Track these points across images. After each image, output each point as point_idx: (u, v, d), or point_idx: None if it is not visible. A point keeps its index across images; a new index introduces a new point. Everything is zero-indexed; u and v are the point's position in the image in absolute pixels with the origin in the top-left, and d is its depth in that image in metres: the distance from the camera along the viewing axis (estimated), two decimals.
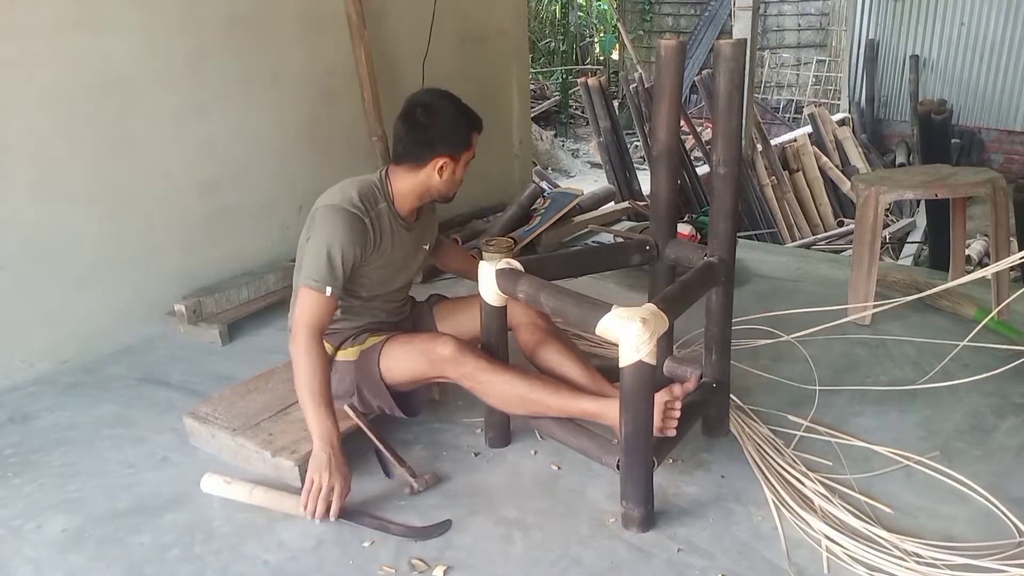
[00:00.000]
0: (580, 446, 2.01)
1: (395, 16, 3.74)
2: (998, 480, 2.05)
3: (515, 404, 2.07)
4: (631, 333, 1.72)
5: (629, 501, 1.88)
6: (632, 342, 1.72)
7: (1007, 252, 2.95)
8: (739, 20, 6.07)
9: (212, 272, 3.16)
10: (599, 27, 12.90)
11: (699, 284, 2.07)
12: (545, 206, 4.00)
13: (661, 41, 2.10)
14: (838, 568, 1.75)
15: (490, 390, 2.06)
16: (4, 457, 2.25)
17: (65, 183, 2.70)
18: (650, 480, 1.88)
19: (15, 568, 1.81)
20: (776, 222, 6.82)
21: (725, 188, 2.07)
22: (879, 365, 2.69)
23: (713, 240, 2.12)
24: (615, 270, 3.49)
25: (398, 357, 2.15)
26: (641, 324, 1.71)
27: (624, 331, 1.73)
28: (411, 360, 2.13)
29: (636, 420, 1.80)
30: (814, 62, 10.43)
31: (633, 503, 1.88)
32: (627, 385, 1.78)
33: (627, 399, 1.79)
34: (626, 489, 1.88)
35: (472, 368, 2.04)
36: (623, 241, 3.72)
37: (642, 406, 1.80)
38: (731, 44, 1.96)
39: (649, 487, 1.88)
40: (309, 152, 3.44)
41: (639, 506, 1.88)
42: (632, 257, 2.31)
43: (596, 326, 1.78)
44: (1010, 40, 8.36)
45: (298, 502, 1.91)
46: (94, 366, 2.77)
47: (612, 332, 1.76)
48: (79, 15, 2.65)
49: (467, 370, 2.05)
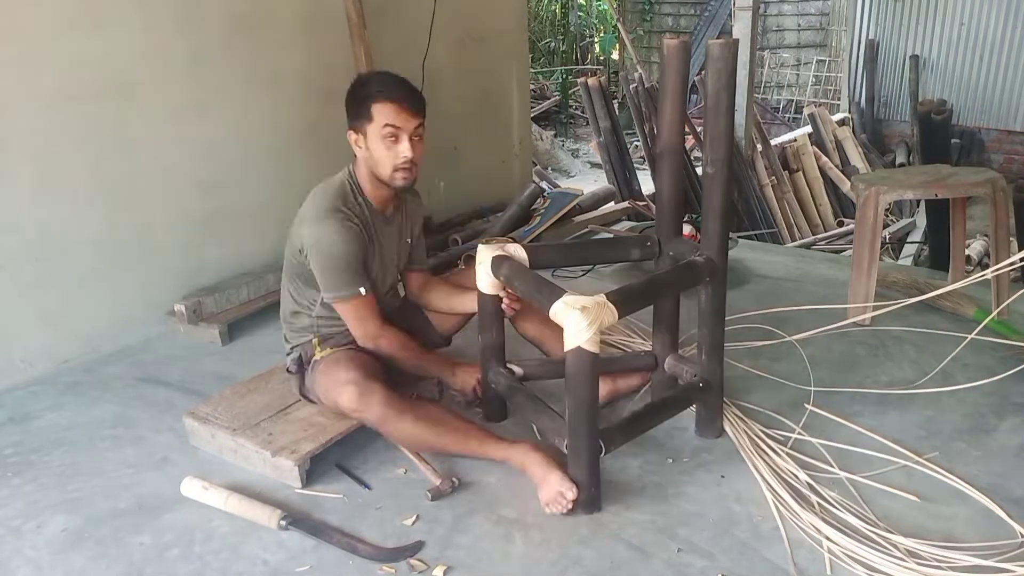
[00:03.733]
0: (540, 424, 2.11)
1: (395, 16, 3.74)
2: (998, 480, 2.05)
3: (423, 447, 2.09)
4: (573, 320, 1.79)
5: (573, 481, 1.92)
6: (573, 328, 1.79)
7: (1007, 252, 2.95)
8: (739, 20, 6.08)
9: (212, 272, 3.16)
10: (599, 27, 12.90)
11: (672, 282, 2.11)
12: (545, 206, 4.01)
13: (665, 40, 2.11)
14: (838, 568, 1.75)
15: (397, 437, 2.08)
16: (4, 457, 2.25)
17: (65, 183, 2.70)
18: (595, 463, 1.92)
19: (15, 568, 1.81)
20: (776, 222, 6.81)
21: (715, 188, 2.07)
22: (879, 365, 2.69)
23: (703, 239, 2.13)
24: (616, 268, 3.52)
25: (318, 380, 2.16)
26: (581, 312, 1.78)
27: (568, 317, 1.80)
28: (323, 390, 2.14)
29: (577, 403, 1.87)
30: (814, 62, 10.42)
31: (577, 484, 1.91)
32: (569, 369, 1.86)
33: (569, 383, 1.87)
34: (570, 469, 1.94)
35: (375, 419, 2.03)
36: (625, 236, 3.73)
37: (583, 390, 1.85)
38: (720, 44, 1.96)
39: (594, 470, 1.93)
40: (309, 152, 3.44)
41: (583, 489, 1.91)
42: (632, 252, 2.32)
43: (549, 310, 1.86)
44: (1010, 40, 8.36)
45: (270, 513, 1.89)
46: (94, 366, 2.77)
47: (559, 317, 1.83)
48: (79, 15, 2.65)
49: (370, 419, 2.04)
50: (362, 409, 2.02)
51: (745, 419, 2.31)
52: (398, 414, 2.01)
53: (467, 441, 2.04)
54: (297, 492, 2.04)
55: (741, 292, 3.35)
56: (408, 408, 2.03)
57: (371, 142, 2.11)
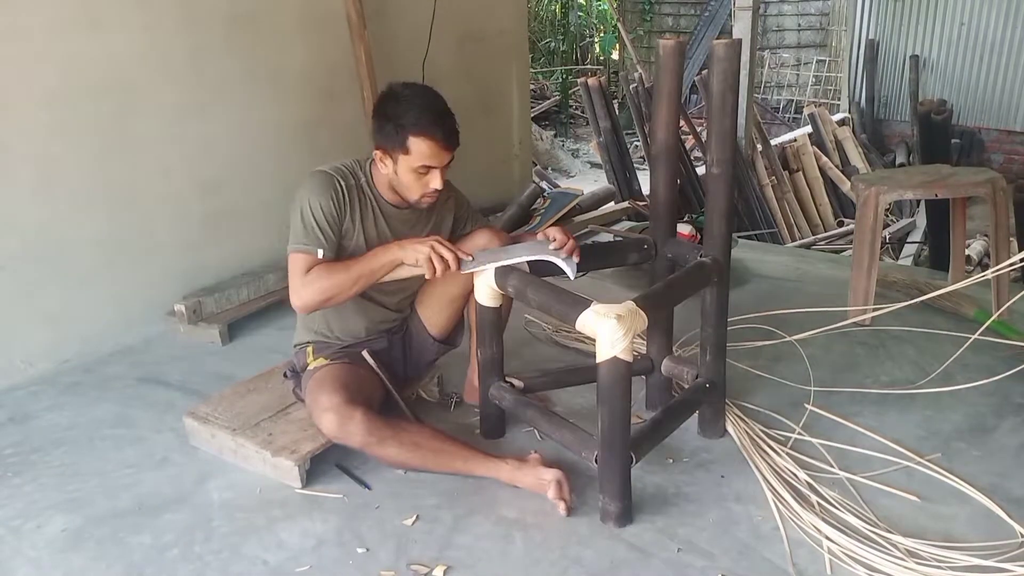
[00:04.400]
0: (561, 439, 2.04)
1: (395, 16, 3.74)
2: (998, 480, 2.06)
3: (408, 468, 2.09)
4: (608, 330, 1.74)
5: (606, 496, 1.89)
6: (608, 338, 1.74)
7: (1007, 252, 2.95)
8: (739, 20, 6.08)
9: (212, 272, 3.16)
10: (599, 27, 12.89)
11: (687, 284, 2.09)
12: (545, 206, 4.01)
13: (660, 41, 2.11)
14: (838, 568, 1.75)
15: (382, 458, 2.05)
16: (4, 457, 2.25)
17: (65, 183, 2.70)
18: (627, 475, 1.89)
19: (15, 568, 1.81)
20: (776, 222, 6.81)
21: (720, 188, 2.07)
22: (879, 365, 2.69)
23: (708, 240, 2.12)
24: (614, 270, 3.51)
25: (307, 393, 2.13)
26: (617, 321, 1.73)
27: (601, 327, 1.75)
28: (309, 408, 2.12)
29: (612, 415, 1.82)
30: (814, 62, 10.42)
31: (610, 497, 1.89)
32: (603, 380, 1.80)
33: (603, 394, 1.81)
34: (603, 483, 1.89)
35: (356, 446, 2.01)
36: (621, 240, 3.72)
37: (617, 402, 1.81)
38: (725, 44, 1.96)
39: (626, 482, 1.89)
40: (309, 152, 3.44)
41: (616, 501, 1.89)
42: (630, 256, 2.31)
43: (576, 321, 1.80)
44: (1010, 40, 8.36)
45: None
46: (94, 366, 2.77)
47: (590, 328, 1.78)
48: (79, 15, 2.65)
49: (351, 446, 2.02)
50: (343, 437, 2.00)
51: (745, 419, 2.31)
52: (379, 441, 1.99)
53: (452, 462, 2.04)
54: (297, 492, 2.04)
55: (741, 292, 3.35)
56: (390, 435, 2.00)
57: (401, 169, 2.05)
